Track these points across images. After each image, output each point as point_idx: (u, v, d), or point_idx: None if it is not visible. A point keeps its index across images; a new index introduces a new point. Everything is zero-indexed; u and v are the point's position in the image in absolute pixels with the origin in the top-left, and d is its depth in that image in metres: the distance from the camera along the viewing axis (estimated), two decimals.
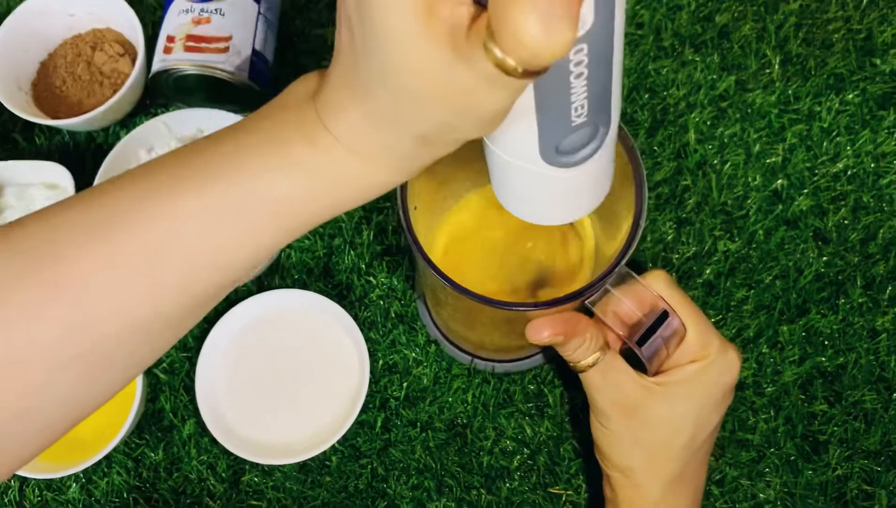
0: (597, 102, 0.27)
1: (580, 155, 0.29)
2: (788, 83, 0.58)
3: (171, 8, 0.55)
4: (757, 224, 0.55)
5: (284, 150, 0.26)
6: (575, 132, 0.28)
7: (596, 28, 0.23)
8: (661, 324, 0.39)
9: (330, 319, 0.53)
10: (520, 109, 0.26)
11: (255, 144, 0.26)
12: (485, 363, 0.53)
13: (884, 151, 0.57)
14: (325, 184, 0.26)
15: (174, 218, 0.26)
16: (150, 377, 0.54)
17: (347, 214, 0.57)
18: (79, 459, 0.49)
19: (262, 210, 0.26)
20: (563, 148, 0.28)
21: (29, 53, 0.59)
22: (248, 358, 0.53)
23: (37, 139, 0.60)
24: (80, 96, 0.59)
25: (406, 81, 0.22)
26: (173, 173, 0.26)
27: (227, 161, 0.26)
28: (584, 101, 0.26)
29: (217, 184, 0.26)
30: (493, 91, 0.22)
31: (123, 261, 0.26)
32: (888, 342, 0.53)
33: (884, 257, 0.54)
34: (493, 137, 0.29)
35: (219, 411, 0.52)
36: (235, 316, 0.53)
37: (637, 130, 0.58)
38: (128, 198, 0.26)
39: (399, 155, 0.26)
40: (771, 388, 0.52)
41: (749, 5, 0.61)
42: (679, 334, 0.40)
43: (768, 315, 0.53)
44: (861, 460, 0.51)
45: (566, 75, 0.25)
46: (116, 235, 0.26)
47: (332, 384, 0.52)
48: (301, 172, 0.26)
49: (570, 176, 0.30)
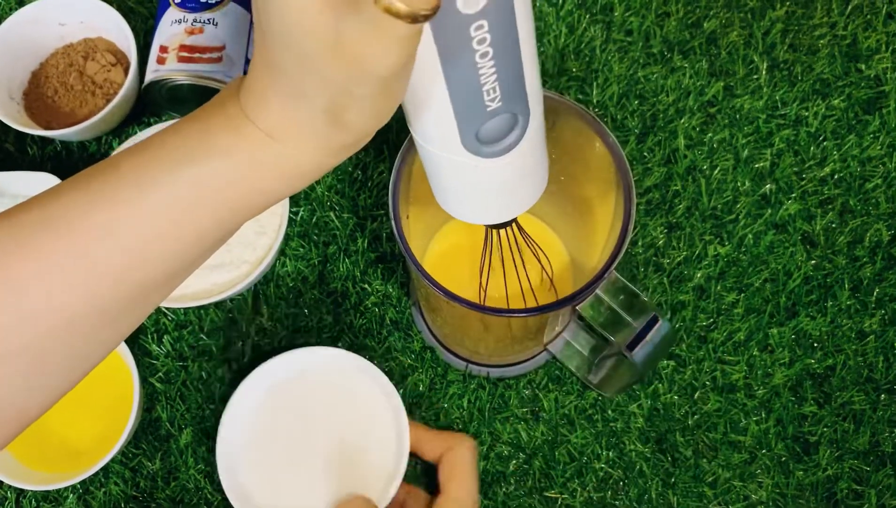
0: (509, 87, 0.28)
1: (503, 144, 0.30)
2: (775, 89, 0.59)
3: (164, 18, 0.55)
4: (746, 228, 0.56)
5: (210, 141, 0.27)
6: (492, 119, 0.29)
7: (492, 6, 0.25)
8: (651, 328, 0.40)
9: (367, 383, 0.49)
10: (434, 95, 0.27)
11: (180, 141, 0.27)
12: (480, 368, 0.53)
13: (869, 155, 0.58)
14: (251, 170, 0.27)
15: (110, 213, 0.27)
16: (146, 386, 0.54)
17: (342, 221, 0.57)
18: (76, 470, 0.49)
19: (193, 201, 0.27)
20: (483, 135, 0.29)
21: (20, 63, 0.59)
22: (273, 423, 0.49)
23: (29, 149, 0.60)
24: (72, 106, 0.59)
25: (302, 43, 0.23)
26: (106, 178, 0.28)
27: (155, 158, 0.27)
28: (495, 83, 0.27)
29: (146, 180, 0.27)
30: (384, 42, 0.22)
31: (58, 259, 0.27)
32: (876, 344, 0.53)
33: (871, 260, 0.55)
34: (416, 128, 0.31)
35: (238, 476, 0.47)
36: (263, 374, 0.49)
37: (627, 136, 0.58)
38: (63, 203, 0.27)
39: (315, 134, 0.26)
40: (762, 390, 0.53)
41: (736, 12, 0.61)
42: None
43: (758, 318, 0.54)
44: (851, 460, 0.51)
45: (471, 54, 0.26)
46: (50, 238, 0.27)
47: (364, 459, 0.47)
48: (226, 160, 0.27)
49: (496, 167, 0.31)
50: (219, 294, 0.51)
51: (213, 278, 0.53)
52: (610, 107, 0.59)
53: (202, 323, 0.55)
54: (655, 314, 0.40)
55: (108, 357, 0.51)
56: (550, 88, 0.60)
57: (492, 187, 0.33)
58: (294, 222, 0.57)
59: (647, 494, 0.51)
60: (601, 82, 0.60)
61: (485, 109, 0.28)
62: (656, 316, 0.40)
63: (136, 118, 0.60)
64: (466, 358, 0.53)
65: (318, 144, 0.27)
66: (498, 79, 0.27)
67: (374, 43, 0.22)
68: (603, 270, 0.39)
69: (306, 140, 0.27)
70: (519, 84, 0.28)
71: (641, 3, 0.62)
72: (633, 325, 0.40)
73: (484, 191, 0.33)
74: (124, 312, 0.29)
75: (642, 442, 0.52)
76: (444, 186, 0.34)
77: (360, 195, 0.58)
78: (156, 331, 0.55)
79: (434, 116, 0.29)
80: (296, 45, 0.23)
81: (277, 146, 0.27)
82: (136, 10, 0.63)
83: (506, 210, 0.35)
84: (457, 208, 0.36)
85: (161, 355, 0.54)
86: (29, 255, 0.27)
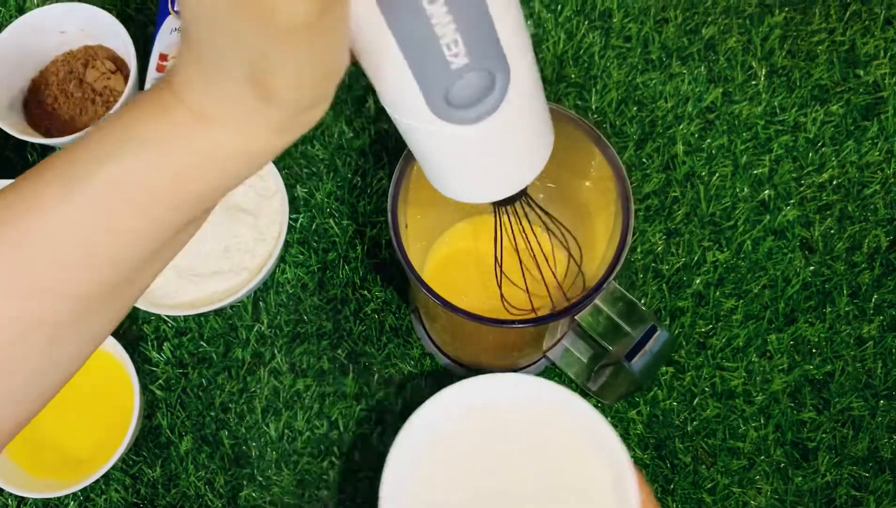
0: (475, 38, 0.24)
1: (482, 108, 0.26)
2: (774, 95, 0.59)
3: (164, 26, 0.55)
4: (745, 235, 0.56)
5: (137, 130, 0.25)
6: (462, 78, 0.25)
7: None
8: (650, 338, 0.40)
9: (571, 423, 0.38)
10: (386, 55, 0.24)
11: (106, 134, 0.25)
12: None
13: (868, 161, 0.58)
14: (186, 157, 0.25)
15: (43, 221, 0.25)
16: (146, 393, 0.54)
17: (341, 228, 0.57)
18: (77, 477, 0.49)
19: (121, 200, 0.25)
20: (453, 98, 0.25)
21: (20, 70, 0.59)
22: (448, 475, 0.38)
23: (29, 156, 0.60)
24: (72, 114, 0.59)
25: (210, 7, 0.22)
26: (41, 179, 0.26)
27: (87, 156, 0.25)
28: (456, 35, 0.23)
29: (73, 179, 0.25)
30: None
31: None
32: (874, 350, 0.54)
33: (869, 266, 0.55)
34: (381, 96, 0.27)
35: None
36: (430, 414, 0.39)
37: (626, 143, 0.59)
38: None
39: (246, 111, 0.24)
40: (760, 396, 0.53)
41: (735, 18, 0.62)
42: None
43: (757, 325, 0.54)
44: (850, 466, 0.52)
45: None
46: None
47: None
48: (157, 148, 0.25)
49: (474, 134, 0.27)
50: (219, 302, 0.52)
51: (213, 286, 0.53)
52: (609, 113, 0.59)
53: (202, 330, 0.55)
54: (654, 324, 0.40)
55: (107, 365, 0.52)
56: (549, 94, 0.60)
57: (483, 158, 0.28)
58: (294, 228, 0.57)
59: None
60: (600, 88, 0.60)
61: (448, 67, 0.24)
62: (655, 326, 0.40)
63: None
64: (466, 364, 0.54)
65: (252, 121, 0.25)
66: (458, 29, 0.23)
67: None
68: (602, 280, 0.39)
69: (237, 118, 0.24)
70: (488, 34, 0.24)
71: (640, 9, 0.62)
72: (632, 334, 0.40)
73: (473, 163, 0.29)
74: (83, 319, 0.27)
75: (641, 448, 0.52)
76: (428, 162, 0.30)
77: (360, 202, 0.58)
78: (156, 338, 0.55)
79: (392, 80, 0.25)
80: (207, 15, 0.22)
81: (213, 129, 0.25)
82: (135, 17, 0.63)
83: (506, 182, 0.30)
84: (448, 185, 0.31)
85: (161, 362, 0.55)
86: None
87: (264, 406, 0.54)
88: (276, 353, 0.55)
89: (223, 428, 0.53)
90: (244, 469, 0.52)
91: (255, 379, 0.54)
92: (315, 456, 0.53)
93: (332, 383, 0.54)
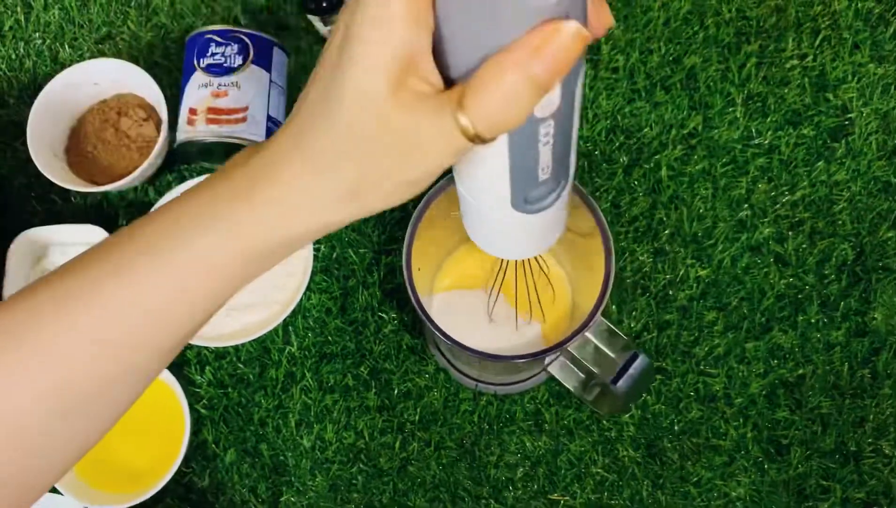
0: (559, 163, 0.32)
1: (544, 203, 0.35)
2: (751, 119, 0.65)
3: (191, 81, 0.61)
4: (724, 252, 0.62)
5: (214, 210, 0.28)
6: (540, 186, 0.33)
7: (560, 109, 0.29)
8: (633, 364, 0.46)
9: None
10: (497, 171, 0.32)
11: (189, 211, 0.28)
12: (488, 387, 0.60)
13: (836, 179, 0.63)
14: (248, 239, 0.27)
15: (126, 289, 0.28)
16: (192, 412, 0.61)
17: (359, 256, 0.63)
18: (138, 489, 0.56)
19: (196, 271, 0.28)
20: (530, 199, 0.34)
21: (60, 122, 0.65)
22: None
23: (72, 199, 0.66)
24: (110, 160, 0.65)
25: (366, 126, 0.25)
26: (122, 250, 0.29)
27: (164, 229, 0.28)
28: (549, 162, 0.32)
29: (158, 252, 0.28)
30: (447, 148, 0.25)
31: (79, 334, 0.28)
32: (841, 354, 0.60)
33: (837, 278, 0.61)
34: (472, 192, 0.35)
35: None
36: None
37: (615, 169, 0.64)
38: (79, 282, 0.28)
39: (324, 207, 0.27)
40: (740, 399, 0.59)
41: (714, 47, 0.66)
42: None
43: (736, 334, 0.60)
44: (819, 459, 0.58)
45: (536, 144, 0.30)
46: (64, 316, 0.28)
47: None
48: (227, 230, 0.27)
49: (534, 219, 0.35)
50: (254, 333, 0.58)
51: (247, 318, 0.59)
52: (599, 142, 0.65)
53: (239, 354, 0.62)
54: (636, 352, 0.46)
55: (159, 389, 0.59)
56: None
57: (525, 234, 0.38)
58: (317, 257, 0.63)
59: (639, 495, 0.58)
60: (590, 119, 0.65)
61: (536, 181, 0.33)
62: (636, 353, 0.46)
63: (167, 167, 0.66)
64: (476, 378, 0.60)
65: (322, 215, 0.27)
66: (552, 158, 0.31)
67: (439, 145, 0.25)
68: (589, 317, 0.45)
69: (311, 211, 0.27)
70: (566, 159, 0.33)
71: (626, 41, 0.67)
72: (616, 360, 0.46)
73: (517, 236, 0.38)
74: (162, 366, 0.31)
75: (634, 449, 0.59)
76: (480, 229, 0.39)
77: (375, 232, 0.64)
78: (198, 362, 0.62)
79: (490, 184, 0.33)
80: (358, 126, 0.25)
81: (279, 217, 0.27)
82: (160, 63, 0.69)
83: (531, 249, 0.40)
84: (489, 246, 0.40)
85: (203, 383, 0.61)
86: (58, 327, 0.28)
87: (297, 420, 0.60)
88: (305, 372, 0.61)
89: (262, 441, 0.60)
90: (283, 476, 0.59)
91: (289, 396, 0.61)
92: (345, 463, 0.60)
93: (357, 397, 0.61)
